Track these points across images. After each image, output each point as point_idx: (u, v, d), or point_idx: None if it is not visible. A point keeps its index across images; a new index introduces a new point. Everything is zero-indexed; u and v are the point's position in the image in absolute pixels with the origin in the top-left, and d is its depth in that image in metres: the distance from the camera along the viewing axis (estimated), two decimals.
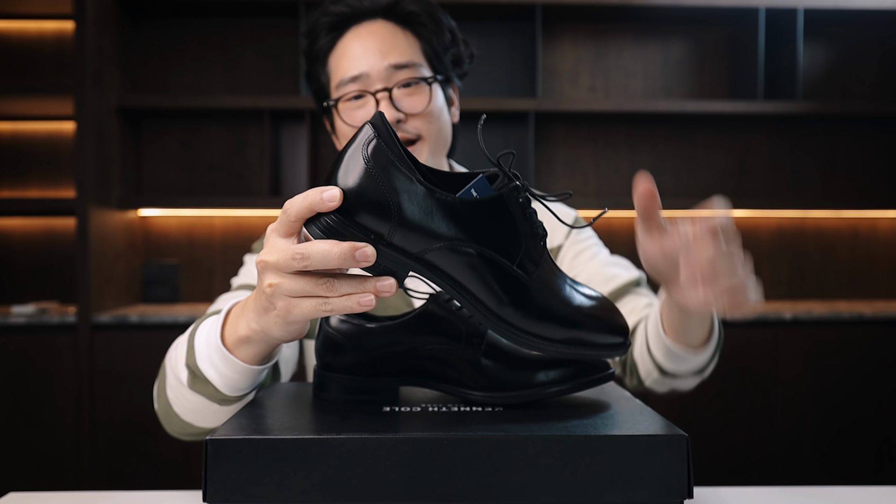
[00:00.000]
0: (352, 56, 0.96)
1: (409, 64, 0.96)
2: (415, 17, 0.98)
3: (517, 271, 0.61)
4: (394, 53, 0.95)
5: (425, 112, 0.96)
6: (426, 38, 0.99)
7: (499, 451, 0.59)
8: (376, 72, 0.95)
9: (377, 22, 0.98)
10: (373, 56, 0.95)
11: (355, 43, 0.96)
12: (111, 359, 2.37)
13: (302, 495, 0.59)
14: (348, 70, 0.96)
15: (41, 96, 2.48)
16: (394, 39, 0.96)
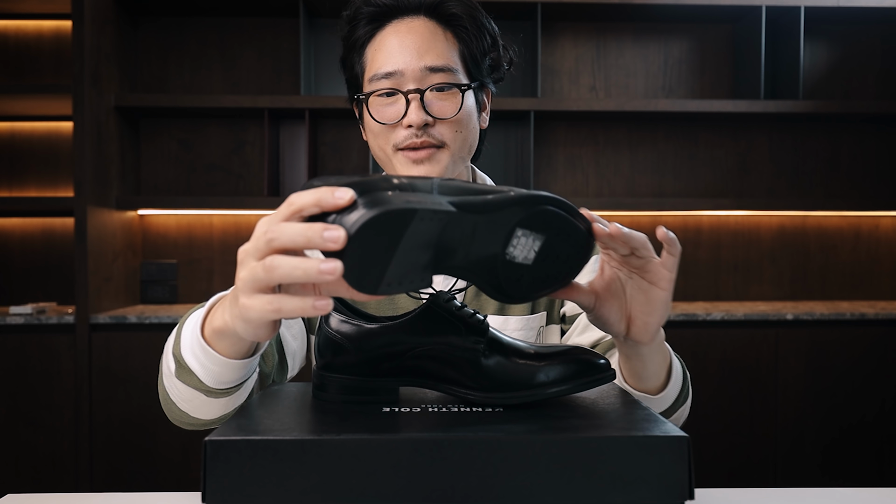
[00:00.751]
0: (388, 51, 0.95)
1: (444, 68, 0.95)
2: (457, 19, 0.98)
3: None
4: (431, 55, 0.95)
5: (454, 119, 0.96)
6: (466, 41, 0.98)
7: (499, 452, 0.59)
8: (411, 71, 0.95)
9: (419, 19, 0.97)
10: (410, 55, 0.95)
11: (394, 38, 0.96)
12: (110, 359, 2.37)
13: (301, 496, 0.59)
14: (383, 65, 0.95)
15: (39, 96, 2.47)
16: (433, 40, 0.96)
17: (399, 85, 0.95)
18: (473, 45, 0.99)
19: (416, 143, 0.95)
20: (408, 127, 0.95)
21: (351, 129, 2.87)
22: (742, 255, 2.93)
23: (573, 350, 0.68)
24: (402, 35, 0.96)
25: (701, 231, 2.93)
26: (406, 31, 0.96)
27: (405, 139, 0.95)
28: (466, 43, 0.98)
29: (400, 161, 0.98)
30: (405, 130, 0.95)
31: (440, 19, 0.98)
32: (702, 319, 2.46)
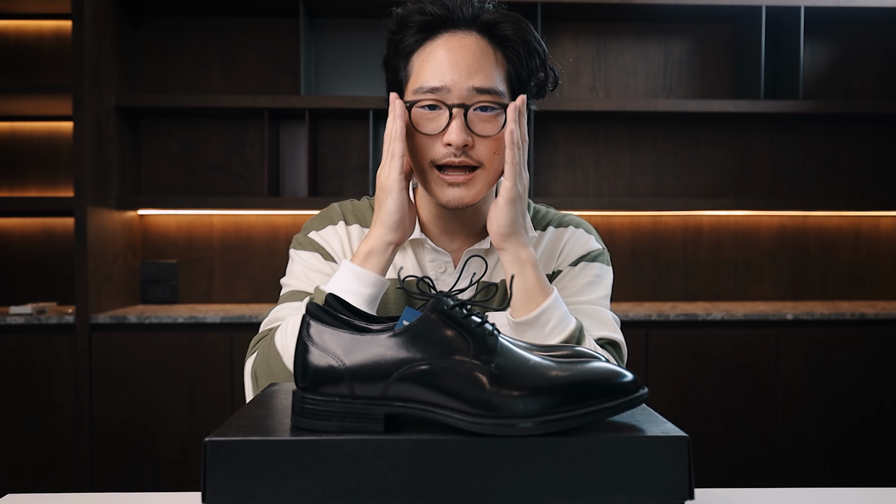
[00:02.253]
0: (437, 65, 0.95)
1: (491, 90, 0.96)
2: (509, 41, 0.98)
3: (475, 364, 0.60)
4: (479, 76, 0.95)
5: (495, 139, 0.97)
6: (515, 62, 0.99)
7: (499, 452, 0.59)
8: (458, 89, 0.95)
9: (471, 35, 0.97)
10: (458, 73, 0.95)
11: (444, 52, 0.96)
12: (110, 359, 2.36)
13: (301, 497, 0.58)
14: (430, 79, 0.95)
15: (39, 96, 2.47)
16: (483, 59, 0.96)
17: (444, 99, 0.95)
18: (522, 68, 0.99)
19: (453, 161, 0.96)
20: (447, 145, 0.95)
21: (351, 129, 2.87)
22: (742, 255, 2.93)
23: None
24: (454, 50, 0.96)
25: (701, 231, 2.93)
26: (458, 47, 0.96)
27: (443, 156, 0.96)
28: (515, 64, 0.99)
29: (435, 179, 0.98)
30: (444, 148, 0.96)
31: (492, 38, 0.98)
32: (702, 319, 2.46)
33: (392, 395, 0.61)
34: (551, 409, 0.58)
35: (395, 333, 0.61)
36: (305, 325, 0.64)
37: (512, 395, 0.59)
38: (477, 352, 0.60)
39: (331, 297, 0.68)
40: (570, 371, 0.60)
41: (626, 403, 0.60)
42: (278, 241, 2.85)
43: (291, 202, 2.60)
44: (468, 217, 1.06)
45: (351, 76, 2.84)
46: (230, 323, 2.40)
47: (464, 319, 0.62)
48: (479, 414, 0.59)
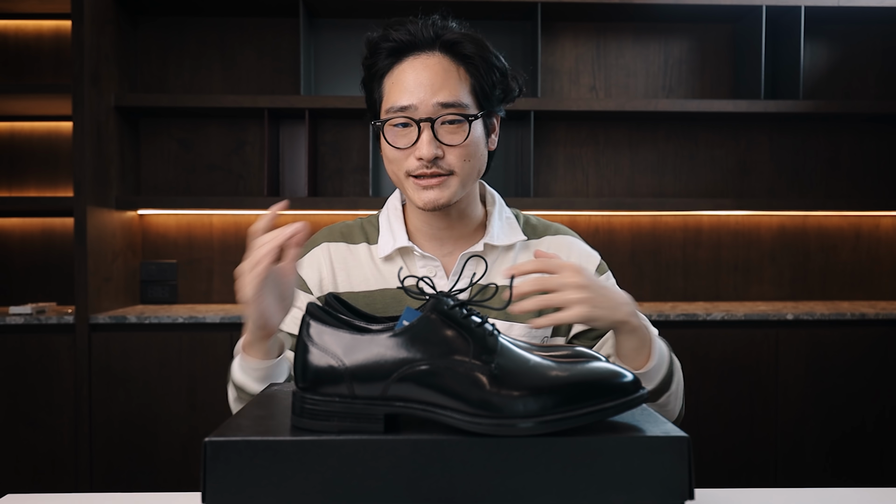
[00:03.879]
0: (404, 86, 1.04)
1: (455, 103, 1.03)
2: (469, 58, 1.06)
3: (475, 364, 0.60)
4: (444, 92, 1.03)
5: (461, 146, 1.04)
6: (477, 76, 1.06)
7: (499, 452, 0.58)
8: (424, 106, 1.03)
9: (434, 56, 1.05)
10: (424, 91, 1.03)
11: (410, 74, 1.04)
12: (109, 359, 2.36)
13: (301, 497, 0.58)
14: (399, 99, 1.04)
15: (39, 95, 2.47)
16: (446, 76, 1.04)
17: (413, 115, 1.04)
18: (484, 80, 1.06)
19: (425, 172, 1.03)
20: (419, 159, 1.03)
21: (351, 129, 2.87)
22: (742, 255, 2.93)
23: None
24: (419, 71, 1.04)
25: (701, 231, 2.92)
26: (422, 68, 1.04)
27: (416, 168, 1.04)
28: (477, 78, 1.06)
29: (411, 186, 1.06)
30: (417, 161, 1.04)
31: (454, 56, 1.06)
32: (702, 319, 2.46)
33: (392, 395, 0.60)
34: (551, 409, 0.58)
35: (395, 333, 0.61)
36: (305, 325, 0.64)
37: (512, 396, 0.58)
38: (477, 352, 0.60)
39: (330, 297, 0.68)
40: (570, 371, 0.60)
41: (626, 403, 0.60)
42: None
43: (291, 202, 2.60)
44: (454, 221, 1.12)
45: (351, 76, 2.84)
46: (230, 323, 2.40)
47: (464, 319, 0.62)
48: (479, 414, 0.59)
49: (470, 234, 1.14)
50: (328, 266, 1.14)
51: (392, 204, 1.18)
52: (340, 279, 1.13)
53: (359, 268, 1.13)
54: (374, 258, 1.13)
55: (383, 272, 1.12)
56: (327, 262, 1.14)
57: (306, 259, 1.15)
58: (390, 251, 1.11)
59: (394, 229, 1.13)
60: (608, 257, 2.90)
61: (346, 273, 1.13)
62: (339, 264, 1.14)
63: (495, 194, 1.19)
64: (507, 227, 1.15)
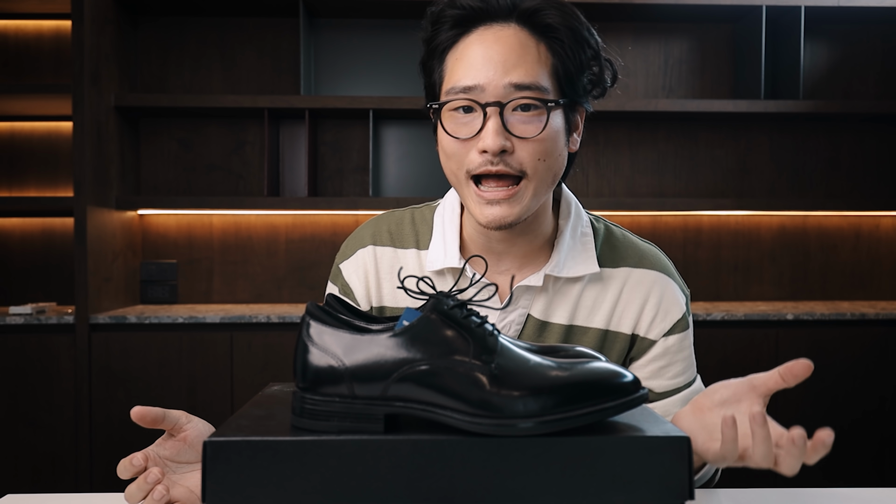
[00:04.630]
0: (470, 63, 0.84)
1: (532, 86, 0.83)
2: (553, 30, 0.86)
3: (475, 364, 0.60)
4: (518, 71, 0.83)
5: (536, 140, 0.84)
6: (562, 55, 0.86)
7: (499, 452, 0.58)
8: (493, 87, 0.83)
9: (510, 27, 0.85)
10: (494, 69, 0.83)
11: (479, 48, 0.84)
12: (109, 359, 2.36)
13: (301, 497, 0.58)
14: (462, 78, 0.84)
15: (39, 95, 2.47)
16: (523, 53, 0.84)
17: (478, 98, 0.84)
18: (570, 61, 0.87)
19: (490, 170, 0.83)
20: (482, 152, 0.83)
21: (351, 129, 2.87)
22: (742, 255, 2.93)
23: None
24: (489, 45, 0.84)
25: (701, 231, 2.92)
26: (493, 41, 0.84)
27: (479, 165, 0.84)
28: (562, 58, 0.86)
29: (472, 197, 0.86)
30: (480, 156, 0.84)
31: (534, 29, 0.86)
32: (702, 319, 2.46)
33: (392, 395, 0.60)
34: (551, 409, 0.58)
35: (395, 333, 0.61)
36: (305, 325, 0.64)
37: (512, 396, 0.58)
38: (477, 352, 0.60)
39: (331, 297, 0.68)
40: (570, 371, 0.60)
41: (626, 403, 0.60)
42: (278, 242, 2.84)
43: (291, 202, 2.60)
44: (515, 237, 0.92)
45: (351, 76, 2.84)
46: (230, 323, 2.40)
47: (464, 319, 0.62)
48: (479, 414, 0.59)
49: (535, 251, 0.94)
50: (374, 272, 0.98)
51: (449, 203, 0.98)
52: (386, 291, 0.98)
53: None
54: (424, 268, 0.96)
55: None
56: (373, 267, 0.98)
57: (351, 263, 1.00)
58: (440, 267, 0.94)
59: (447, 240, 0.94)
60: None
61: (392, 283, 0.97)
62: (385, 272, 0.98)
63: (572, 201, 0.98)
64: (581, 249, 0.94)
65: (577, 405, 0.59)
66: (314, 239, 2.84)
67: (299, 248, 2.84)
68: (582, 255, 0.94)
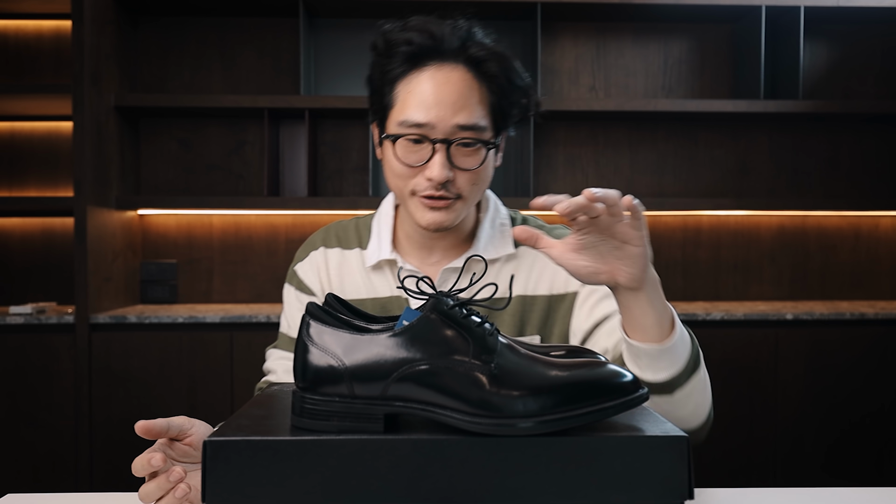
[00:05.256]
0: (422, 99, 0.96)
1: (474, 126, 0.97)
2: (493, 78, 0.99)
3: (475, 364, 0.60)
4: (464, 113, 0.97)
5: (475, 171, 0.99)
6: (498, 95, 1.00)
7: (499, 452, 0.59)
8: (442, 126, 0.96)
9: (458, 69, 0.98)
10: (444, 109, 0.96)
11: (430, 87, 0.96)
12: (109, 359, 2.36)
13: (301, 497, 0.58)
14: (414, 114, 0.96)
15: (39, 95, 2.47)
16: (469, 95, 0.97)
17: (428, 134, 0.97)
18: (504, 101, 1.01)
19: (434, 194, 0.98)
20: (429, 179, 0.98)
21: (351, 129, 2.87)
22: (742, 255, 2.93)
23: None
24: (440, 85, 0.96)
25: (701, 231, 2.93)
26: (444, 82, 0.97)
27: (425, 189, 0.99)
28: (498, 97, 1.00)
29: (415, 205, 1.01)
30: (426, 181, 0.98)
31: (477, 73, 0.99)
32: (702, 319, 2.46)
33: (392, 394, 0.61)
34: (551, 409, 0.58)
35: (395, 333, 0.61)
36: (305, 325, 0.64)
37: (512, 395, 0.59)
38: (477, 352, 0.60)
39: (330, 297, 0.68)
40: (569, 371, 0.60)
41: (625, 403, 0.60)
42: (278, 241, 2.85)
43: (291, 202, 2.60)
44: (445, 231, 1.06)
45: (351, 76, 2.84)
46: (230, 323, 2.40)
47: (464, 319, 0.62)
48: (478, 414, 0.59)
49: (459, 243, 1.09)
50: (325, 271, 1.12)
51: (384, 209, 1.13)
52: (335, 284, 1.11)
53: (350, 275, 1.11)
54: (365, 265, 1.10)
55: (373, 281, 1.09)
56: (324, 266, 1.12)
57: (307, 262, 1.14)
58: (376, 261, 1.08)
59: (382, 238, 1.10)
60: None
61: (340, 279, 1.11)
62: (334, 270, 1.12)
63: (490, 197, 1.14)
64: (499, 236, 1.10)
65: (577, 405, 0.59)
66: None
67: (299, 248, 2.84)
68: (499, 240, 1.09)
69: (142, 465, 0.75)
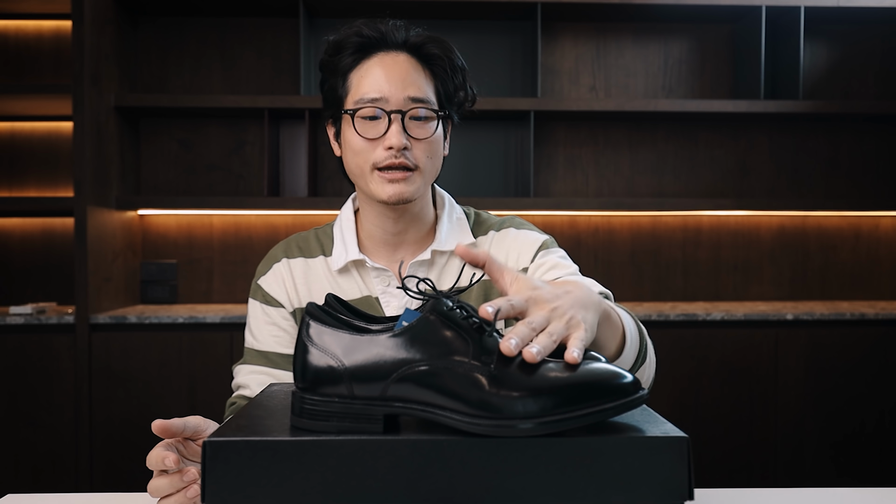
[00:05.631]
0: (375, 79, 1.06)
1: (424, 99, 1.06)
2: (435, 58, 1.09)
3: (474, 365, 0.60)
4: (413, 87, 1.06)
5: (427, 140, 1.06)
6: (441, 78, 1.09)
7: (499, 452, 0.58)
8: (395, 99, 1.04)
9: (402, 55, 1.08)
10: (395, 85, 1.05)
11: (380, 69, 1.06)
12: (109, 359, 2.36)
13: (301, 497, 0.58)
14: (369, 91, 1.05)
15: (39, 96, 2.47)
16: (415, 75, 1.07)
17: (383, 107, 1.05)
18: (447, 83, 1.10)
19: (394, 163, 1.04)
20: (388, 148, 1.04)
21: None
22: (742, 255, 2.93)
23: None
24: (389, 67, 1.06)
25: (701, 231, 2.93)
26: (392, 64, 1.07)
27: (385, 159, 1.04)
28: (442, 80, 1.10)
29: (376, 180, 1.06)
30: (385, 151, 1.04)
31: (420, 58, 1.09)
32: (702, 319, 2.46)
33: (391, 395, 0.61)
34: (551, 410, 0.58)
35: (395, 334, 0.61)
36: (305, 325, 0.64)
37: (511, 396, 0.58)
38: (476, 353, 0.60)
39: (330, 297, 0.68)
40: (569, 372, 0.60)
41: (625, 405, 0.60)
42: (278, 241, 2.84)
43: (291, 202, 2.60)
44: (408, 224, 1.13)
45: None
46: (230, 323, 2.40)
47: (463, 321, 0.62)
48: (478, 415, 0.59)
49: (422, 238, 1.15)
50: (290, 281, 1.14)
51: (345, 214, 1.18)
52: (302, 293, 1.14)
53: (318, 282, 1.13)
54: (331, 271, 1.14)
55: (340, 284, 1.12)
56: (289, 277, 1.14)
57: (270, 275, 1.16)
58: (343, 263, 1.11)
59: (346, 241, 1.13)
60: (608, 257, 2.90)
61: (307, 287, 1.14)
62: (300, 279, 1.14)
63: (445, 195, 1.20)
64: (457, 229, 1.16)
65: (577, 406, 0.59)
66: None
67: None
68: (459, 232, 1.16)
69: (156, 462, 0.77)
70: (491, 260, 0.73)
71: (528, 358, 0.60)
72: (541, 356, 0.61)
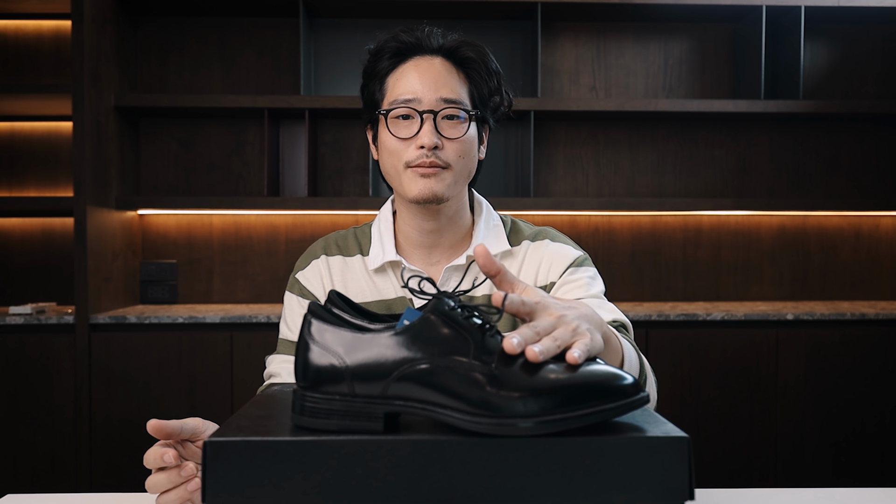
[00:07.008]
0: (409, 81, 1.09)
1: (456, 101, 1.09)
2: (470, 62, 1.12)
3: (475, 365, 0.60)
4: (446, 89, 1.08)
5: (459, 141, 1.09)
6: (476, 81, 1.12)
7: (499, 452, 0.58)
8: (428, 100, 1.08)
9: (437, 59, 1.11)
10: (428, 87, 1.08)
11: (414, 72, 1.10)
12: (109, 359, 2.36)
13: (301, 497, 0.58)
14: (403, 93, 1.09)
15: (39, 95, 2.47)
16: (449, 77, 1.10)
17: (416, 108, 1.08)
18: (482, 86, 1.13)
19: (425, 161, 1.07)
20: (419, 147, 1.07)
21: (351, 129, 2.87)
22: (742, 255, 2.93)
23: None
24: (423, 70, 1.10)
25: (701, 231, 2.93)
26: (427, 67, 1.10)
27: (416, 157, 1.07)
28: (476, 83, 1.12)
29: (409, 176, 1.09)
30: (417, 150, 1.07)
31: (455, 61, 1.12)
32: (702, 319, 2.46)
33: (392, 393, 0.61)
34: (551, 409, 0.58)
35: (396, 333, 0.61)
36: (307, 323, 0.64)
37: (512, 396, 0.58)
38: (477, 352, 0.60)
39: (333, 294, 0.68)
40: (570, 372, 0.60)
41: (626, 406, 0.60)
42: (278, 241, 2.84)
43: (291, 202, 2.60)
44: (443, 226, 1.14)
45: (351, 76, 2.84)
46: (230, 323, 2.40)
47: (465, 320, 0.62)
48: (479, 414, 0.59)
49: (458, 242, 1.17)
50: (328, 277, 1.17)
51: (384, 215, 1.20)
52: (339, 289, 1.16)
53: (354, 280, 1.16)
54: (368, 270, 1.16)
55: (377, 283, 1.15)
56: (327, 273, 1.17)
57: (308, 270, 1.19)
58: (380, 264, 1.14)
59: (384, 241, 1.16)
60: (608, 257, 2.90)
61: (344, 285, 1.17)
62: (337, 276, 1.17)
63: (483, 201, 1.22)
64: (493, 235, 1.18)
65: (578, 406, 0.59)
66: (314, 239, 2.84)
67: (299, 248, 2.84)
68: (495, 239, 1.17)
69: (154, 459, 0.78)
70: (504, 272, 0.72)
71: (531, 356, 0.60)
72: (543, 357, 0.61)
